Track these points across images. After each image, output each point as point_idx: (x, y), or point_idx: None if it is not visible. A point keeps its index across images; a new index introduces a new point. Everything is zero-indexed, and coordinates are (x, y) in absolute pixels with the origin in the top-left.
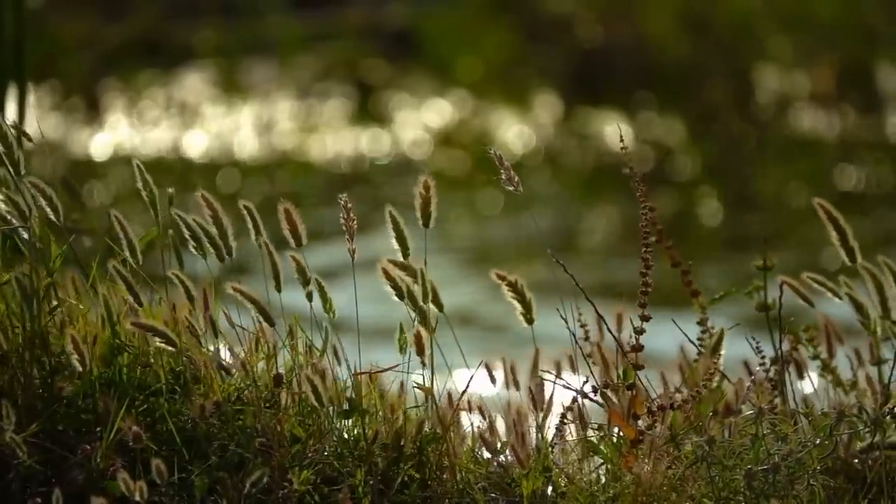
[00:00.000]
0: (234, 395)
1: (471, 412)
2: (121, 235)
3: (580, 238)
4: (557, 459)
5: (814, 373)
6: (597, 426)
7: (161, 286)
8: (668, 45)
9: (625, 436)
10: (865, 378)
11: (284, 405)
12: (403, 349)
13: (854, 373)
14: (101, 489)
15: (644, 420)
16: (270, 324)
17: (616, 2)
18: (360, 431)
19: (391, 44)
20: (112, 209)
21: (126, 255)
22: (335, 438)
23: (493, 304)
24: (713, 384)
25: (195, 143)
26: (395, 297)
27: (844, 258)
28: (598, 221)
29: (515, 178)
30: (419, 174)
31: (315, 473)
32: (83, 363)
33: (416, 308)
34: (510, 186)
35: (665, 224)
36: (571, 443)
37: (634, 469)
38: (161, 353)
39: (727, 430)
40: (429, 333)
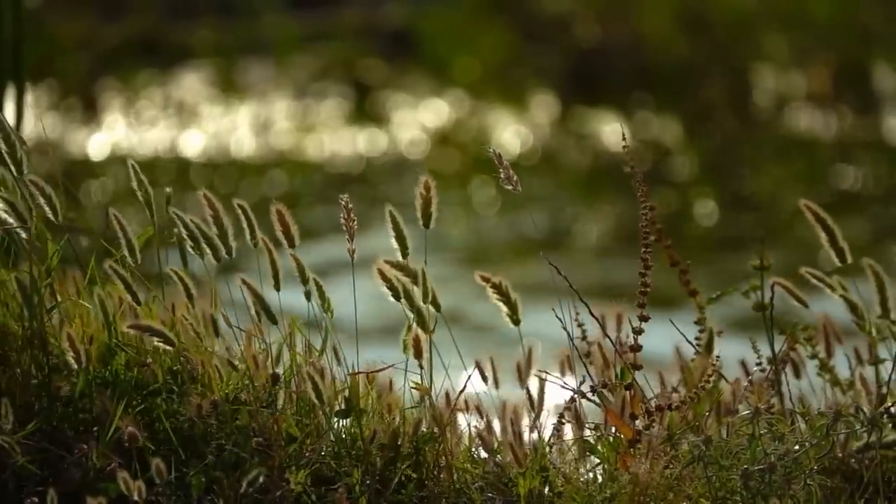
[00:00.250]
0: (232, 395)
1: (468, 412)
2: (119, 234)
3: (576, 238)
4: (554, 459)
5: (812, 372)
6: (594, 426)
7: (157, 285)
8: (665, 45)
9: (622, 436)
10: (860, 378)
11: (282, 405)
12: (408, 349)
13: (852, 372)
14: (98, 489)
15: (641, 420)
16: (273, 322)
17: (613, 2)
18: (357, 431)
19: (388, 44)
20: (110, 208)
21: (125, 254)
22: (332, 438)
23: (489, 304)
24: (710, 384)
25: (192, 143)
26: (392, 298)
27: (834, 259)
28: (595, 221)
29: (514, 178)
30: (416, 174)
31: (312, 473)
32: (79, 361)
33: (414, 308)
34: (509, 185)
35: (661, 224)
36: (568, 442)
37: (632, 469)
38: (159, 353)
39: (724, 430)
40: (427, 334)
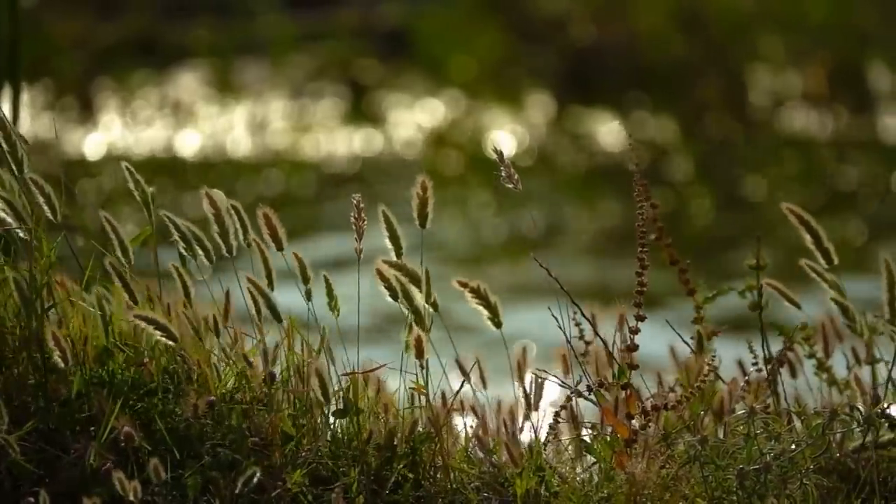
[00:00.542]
0: (229, 395)
1: (464, 412)
2: (111, 236)
3: (572, 237)
4: (551, 459)
5: (810, 372)
6: (591, 425)
7: (155, 284)
8: (661, 45)
9: (618, 435)
10: (855, 378)
11: (278, 404)
12: (409, 349)
13: (850, 372)
14: (95, 489)
15: (638, 419)
16: (278, 320)
17: (608, 1)
18: (354, 431)
19: (384, 43)
20: (103, 209)
21: (118, 256)
22: (328, 438)
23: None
24: (706, 383)
25: (188, 143)
26: (389, 298)
27: (821, 260)
28: (591, 221)
29: (515, 176)
30: (412, 173)
31: (308, 473)
32: (65, 360)
33: (412, 308)
34: (510, 184)
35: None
36: (565, 442)
37: (628, 469)
38: (155, 353)
39: (720, 430)
40: (425, 334)
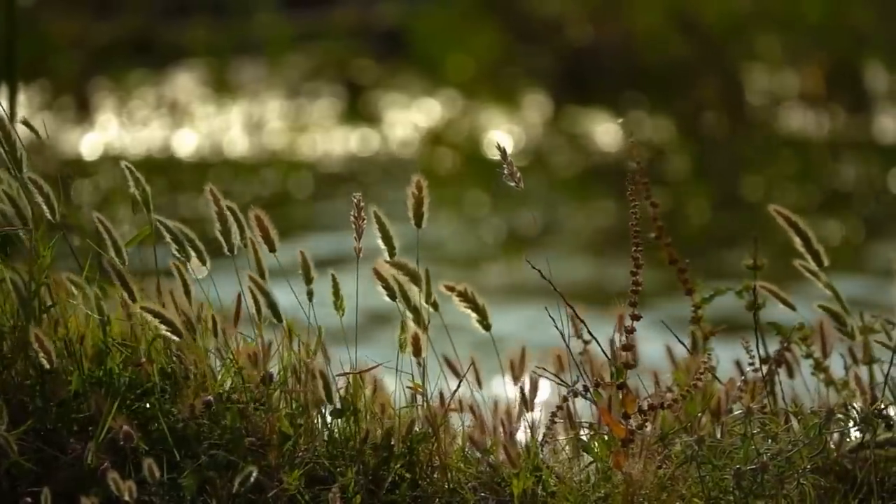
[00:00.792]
0: (226, 395)
1: (461, 412)
2: (105, 237)
3: (568, 237)
4: (548, 459)
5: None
6: (588, 425)
7: (151, 284)
8: (658, 45)
9: (615, 435)
10: (854, 378)
11: (275, 404)
12: (404, 347)
13: (847, 372)
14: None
15: (635, 419)
16: (279, 319)
17: (605, 1)
18: (351, 431)
19: (381, 43)
20: (98, 210)
21: (112, 256)
22: (325, 438)
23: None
24: (702, 382)
25: (185, 143)
26: (387, 297)
27: (810, 262)
28: (587, 220)
29: (517, 174)
30: (409, 173)
31: (305, 473)
32: (51, 362)
33: (410, 307)
34: (511, 182)
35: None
36: (562, 442)
37: (625, 468)
38: (152, 353)
39: (717, 430)
40: (423, 332)
